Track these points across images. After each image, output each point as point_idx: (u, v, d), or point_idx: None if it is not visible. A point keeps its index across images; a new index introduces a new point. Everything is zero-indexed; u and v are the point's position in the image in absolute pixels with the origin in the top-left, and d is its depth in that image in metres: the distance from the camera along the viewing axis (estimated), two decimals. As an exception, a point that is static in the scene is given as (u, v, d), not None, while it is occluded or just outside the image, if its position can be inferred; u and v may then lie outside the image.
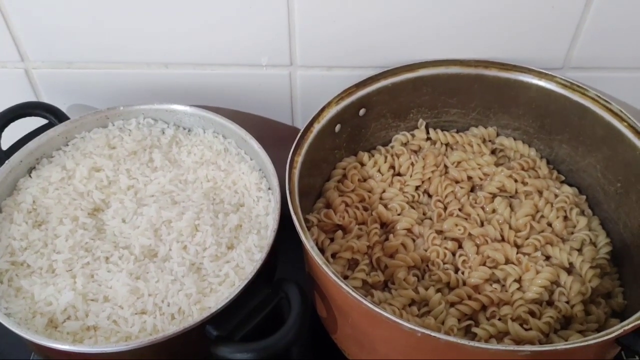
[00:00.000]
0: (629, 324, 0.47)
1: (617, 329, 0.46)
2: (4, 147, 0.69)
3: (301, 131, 0.64)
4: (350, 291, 0.50)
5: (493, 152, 0.74)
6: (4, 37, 0.70)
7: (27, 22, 0.69)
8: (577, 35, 0.67)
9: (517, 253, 0.64)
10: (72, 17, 0.68)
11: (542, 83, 0.68)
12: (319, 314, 0.63)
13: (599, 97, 0.65)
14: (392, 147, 0.75)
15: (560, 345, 0.45)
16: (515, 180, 0.70)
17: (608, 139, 0.65)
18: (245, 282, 0.55)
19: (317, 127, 0.65)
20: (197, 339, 0.54)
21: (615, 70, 0.71)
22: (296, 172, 0.61)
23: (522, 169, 0.71)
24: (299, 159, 0.62)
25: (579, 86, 0.66)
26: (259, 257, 0.58)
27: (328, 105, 0.66)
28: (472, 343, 0.46)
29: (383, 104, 0.72)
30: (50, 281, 0.59)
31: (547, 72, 0.68)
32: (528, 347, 0.46)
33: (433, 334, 0.46)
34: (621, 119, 0.63)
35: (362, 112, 0.70)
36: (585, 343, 0.45)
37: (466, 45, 0.70)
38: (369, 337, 0.55)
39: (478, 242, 0.65)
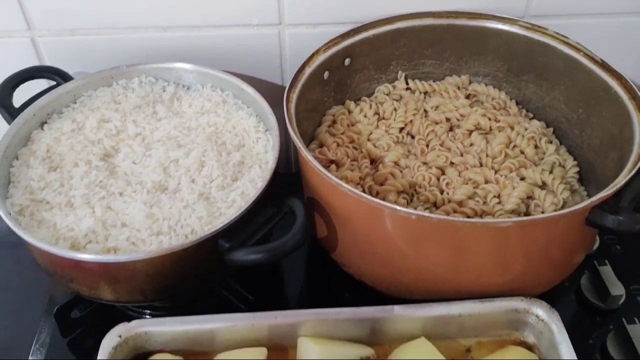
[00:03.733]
0: (597, 198, 0.53)
1: (586, 202, 0.53)
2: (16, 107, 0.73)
3: (294, 73, 0.70)
4: (350, 188, 0.55)
5: (467, 97, 0.82)
6: (12, 6, 0.75)
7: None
8: (535, -18, 0.76)
9: (494, 175, 0.71)
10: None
11: (506, 27, 0.76)
12: (318, 238, 0.69)
13: (557, 33, 0.73)
14: (375, 97, 0.82)
15: (539, 216, 0.52)
16: (489, 119, 0.77)
17: (568, 70, 0.73)
18: (253, 199, 0.61)
19: (308, 70, 0.72)
20: (210, 252, 0.59)
21: (571, 17, 0.79)
22: (292, 105, 0.67)
23: (494, 108, 0.79)
24: (294, 96, 0.68)
25: (539, 27, 0.74)
26: (263, 183, 0.64)
27: (317, 52, 0.73)
28: (461, 219, 0.52)
29: (365, 55, 0.79)
30: (70, 212, 0.63)
31: (510, 17, 0.76)
32: (510, 219, 0.52)
33: (426, 214, 0.52)
34: (578, 50, 0.71)
35: (347, 61, 0.77)
36: (559, 213, 0.52)
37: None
38: (369, 240, 0.61)
39: (459, 169, 0.72)
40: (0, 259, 0.79)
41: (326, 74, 0.75)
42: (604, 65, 0.69)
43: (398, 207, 0.53)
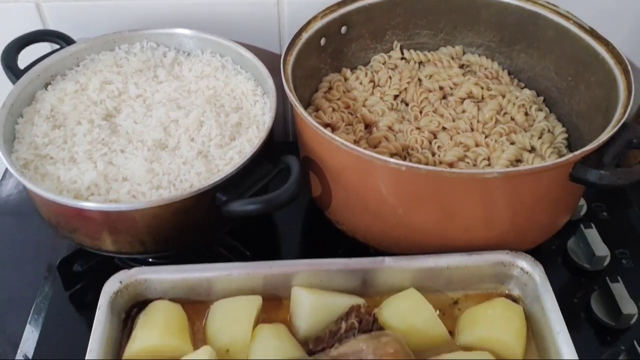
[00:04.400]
0: (580, 152, 0.56)
1: (570, 155, 0.55)
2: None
3: (291, 38, 0.72)
4: (343, 141, 0.58)
5: (461, 67, 0.84)
6: (17, -29, 0.77)
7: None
8: (527, -46, 0.77)
9: (485, 139, 0.73)
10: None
11: (499, -3, 0.79)
12: (313, 197, 0.71)
13: (547, 2, 0.75)
14: (371, 65, 0.84)
15: (523, 168, 0.54)
16: (482, 88, 0.79)
17: (558, 38, 0.75)
18: (250, 154, 0.63)
19: (305, 36, 0.73)
20: (209, 205, 0.61)
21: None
22: (289, 67, 0.69)
23: (487, 78, 0.81)
24: (291, 59, 0.70)
25: (531, -4, 0.77)
26: (260, 141, 0.66)
27: (314, 18, 0.75)
28: (449, 170, 0.54)
29: (362, 24, 0.80)
30: (73, 167, 0.65)
31: (502, -13, 0.78)
32: (496, 170, 0.54)
33: (415, 165, 0.54)
34: (567, 18, 0.73)
35: (343, 29, 0.79)
36: (543, 165, 0.54)
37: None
38: (360, 196, 0.63)
39: (451, 134, 0.74)
40: (5, 224, 0.82)
41: (323, 41, 0.77)
42: (592, 33, 0.71)
43: (388, 159, 0.55)
